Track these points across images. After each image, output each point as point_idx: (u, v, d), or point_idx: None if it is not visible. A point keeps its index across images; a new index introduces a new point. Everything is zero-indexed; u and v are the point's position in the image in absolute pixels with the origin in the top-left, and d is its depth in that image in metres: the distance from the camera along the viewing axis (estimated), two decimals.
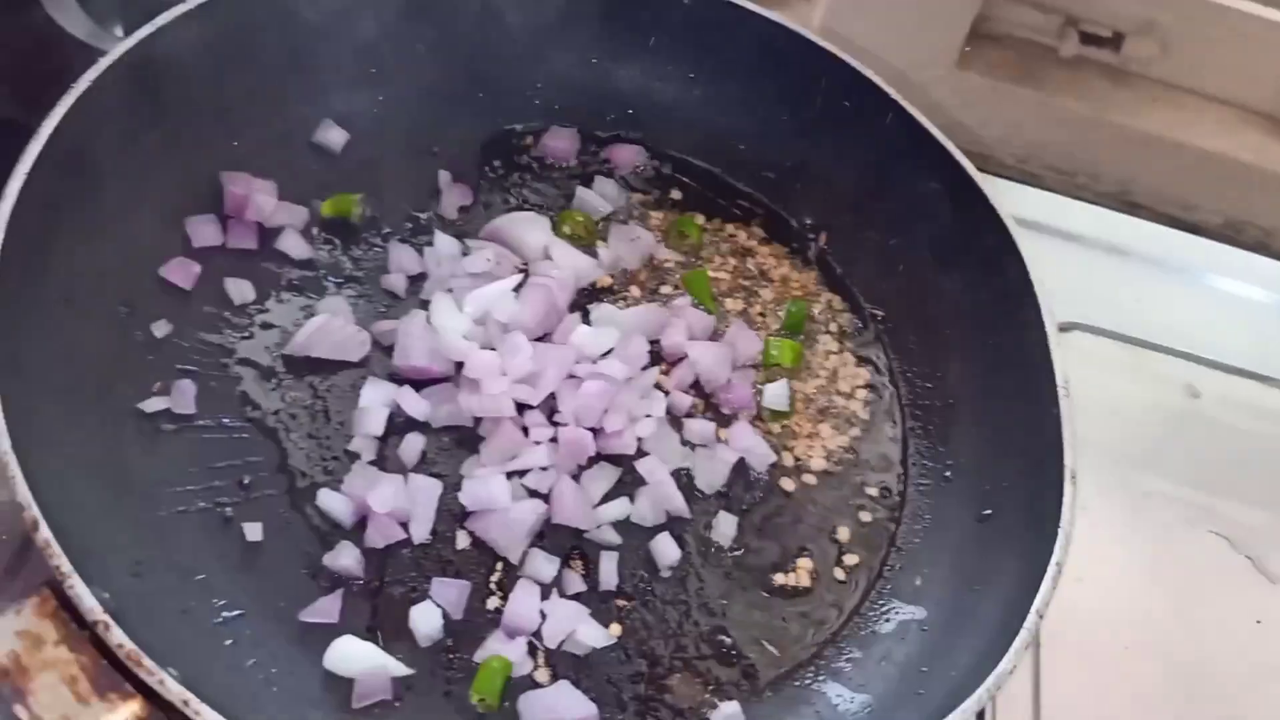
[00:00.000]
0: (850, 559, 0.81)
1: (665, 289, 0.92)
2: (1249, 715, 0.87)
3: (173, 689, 0.55)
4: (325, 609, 0.71)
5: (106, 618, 0.56)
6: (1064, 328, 1.06)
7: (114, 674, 0.57)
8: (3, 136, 0.74)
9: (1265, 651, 0.90)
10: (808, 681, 0.75)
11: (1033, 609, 0.67)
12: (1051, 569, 0.69)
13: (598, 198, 0.94)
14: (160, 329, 0.79)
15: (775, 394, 0.86)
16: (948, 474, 0.85)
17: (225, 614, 0.69)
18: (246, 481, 0.75)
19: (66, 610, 0.58)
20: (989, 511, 0.80)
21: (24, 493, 0.59)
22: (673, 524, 0.80)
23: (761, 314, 0.92)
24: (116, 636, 0.56)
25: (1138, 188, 1.23)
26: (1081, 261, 1.12)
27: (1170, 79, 1.19)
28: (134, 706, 0.56)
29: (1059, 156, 1.23)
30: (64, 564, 0.57)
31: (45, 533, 0.58)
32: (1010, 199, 1.12)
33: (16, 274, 0.68)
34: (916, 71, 1.11)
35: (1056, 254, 1.11)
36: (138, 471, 0.73)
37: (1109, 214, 1.17)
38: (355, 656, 0.69)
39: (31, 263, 0.71)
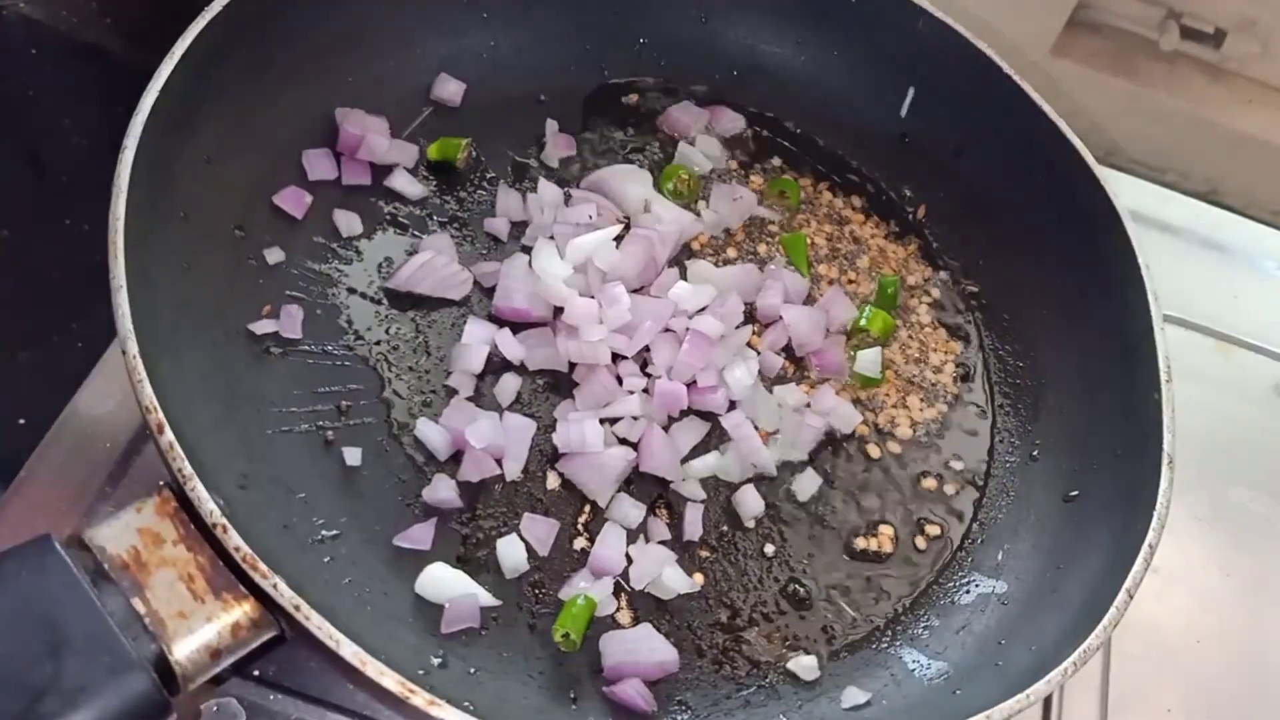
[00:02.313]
0: (932, 529, 0.81)
1: (761, 250, 0.92)
2: None
3: (284, 593, 0.57)
4: (419, 536, 0.73)
5: (224, 520, 0.58)
6: None
7: (229, 575, 0.59)
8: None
9: None
10: (884, 645, 0.76)
11: (1123, 588, 0.67)
12: (1144, 550, 0.69)
13: (700, 155, 0.94)
14: (273, 255, 0.80)
15: (868, 360, 0.86)
16: (1035, 453, 0.85)
17: (324, 532, 0.71)
18: (346, 407, 0.77)
19: (186, 511, 0.60)
20: (1076, 492, 0.80)
21: (149, 395, 0.61)
22: (757, 481, 0.80)
23: (854, 282, 0.92)
24: (234, 539, 0.58)
25: (1228, 188, 1.21)
26: (1175, 253, 1.11)
27: (1269, 79, 1.17)
28: (247, 607, 0.58)
29: (1149, 151, 1.22)
30: (186, 466, 0.59)
31: (169, 435, 0.60)
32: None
33: (147, 187, 0.70)
34: (1010, 55, 1.10)
35: (1150, 244, 1.09)
36: (246, 389, 0.75)
37: (1206, 208, 1.15)
38: (446, 583, 0.71)
39: (160, 178, 0.72)
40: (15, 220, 0.98)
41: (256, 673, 0.75)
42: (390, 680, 0.57)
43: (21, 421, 0.83)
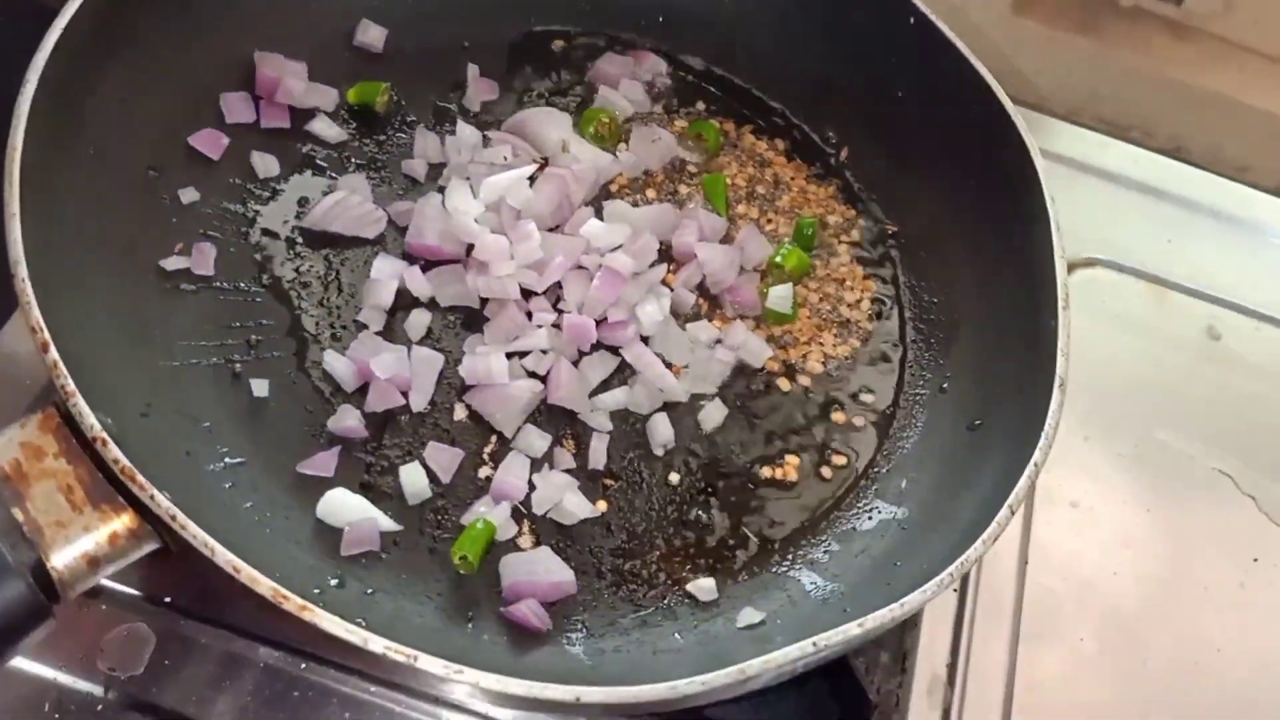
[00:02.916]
0: (838, 459, 0.82)
1: (682, 191, 0.93)
2: (1233, 644, 0.86)
3: (162, 504, 0.58)
4: (322, 463, 0.74)
5: (104, 435, 0.59)
6: (1088, 263, 1.06)
7: (108, 488, 0.60)
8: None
9: (1257, 587, 0.89)
10: (784, 569, 0.77)
11: (1005, 504, 0.68)
12: (1029, 469, 0.69)
13: (622, 99, 0.95)
14: (187, 195, 0.82)
15: (779, 296, 0.87)
16: (945, 385, 0.85)
17: (228, 459, 0.73)
18: (255, 341, 0.78)
19: (69, 427, 0.61)
20: (980, 421, 0.81)
21: (36, 316, 0.62)
22: (667, 410, 0.81)
23: (772, 222, 0.93)
24: (113, 453, 0.59)
25: (1192, 145, 1.20)
26: (1110, 199, 1.10)
27: (1231, 36, 1.16)
28: (125, 518, 0.60)
29: (1113, 109, 1.21)
30: (69, 383, 0.60)
31: (54, 354, 0.61)
32: (1048, 132, 1.13)
33: (52, 121, 0.71)
34: (972, 13, 1.10)
35: (1090, 191, 1.10)
36: (155, 323, 0.76)
37: (1143, 153, 1.15)
38: (346, 507, 0.73)
39: (67, 113, 0.74)
40: None
41: (168, 599, 0.77)
42: (263, 586, 0.58)
43: None
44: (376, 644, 0.58)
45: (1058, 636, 0.85)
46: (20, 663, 0.72)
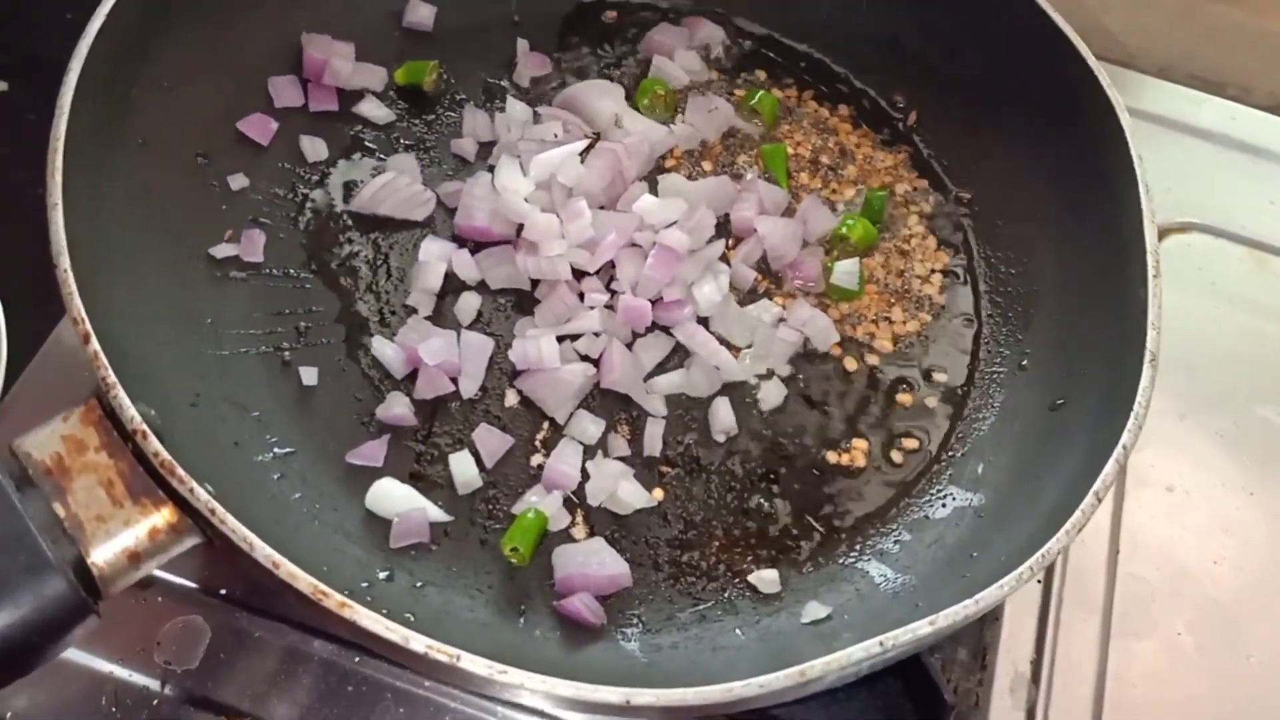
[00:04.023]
0: (909, 443, 0.78)
1: (741, 162, 0.88)
2: None
3: (201, 498, 0.57)
4: (371, 452, 0.72)
5: (144, 427, 0.58)
6: (1182, 228, 0.99)
7: (148, 481, 0.59)
8: None
9: None
10: (851, 560, 0.73)
11: (1091, 490, 0.63)
12: (1118, 451, 0.64)
13: (678, 69, 0.91)
14: (236, 181, 0.81)
15: (844, 271, 0.82)
16: (1024, 362, 0.80)
17: (276, 450, 0.72)
18: (305, 328, 0.77)
19: (111, 421, 0.60)
20: (1062, 400, 0.75)
21: (77, 307, 0.61)
22: (727, 393, 0.78)
23: (837, 192, 0.88)
24: (153, 445, 0.58)
25: None
26: (1206, 159, 1.03)
27: None
28: (165, 512, 0.58)
29: (1207, 65, 1.14)
30: (109, 374, 0.59)
31: (94, 345, 0.60)
32: (1136, 89, 1.06)
33: (97, 111, 0.70)
34: None
35: (1184, 151, 1.03)
36: (203, 311, 0.75)
37: (1240, 109, 1.07)
38: (395, 498, 0.71)
39: (112, 102, 0.73)
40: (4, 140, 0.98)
41: (224, 592, 0.76)
42: (303, 582, 0.56)
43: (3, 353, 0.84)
44: (418, 643, 0.55)
45: (1152, 630, 0.80)
46: (77, 655, 0.72)
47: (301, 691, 0.73)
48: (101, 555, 0.57)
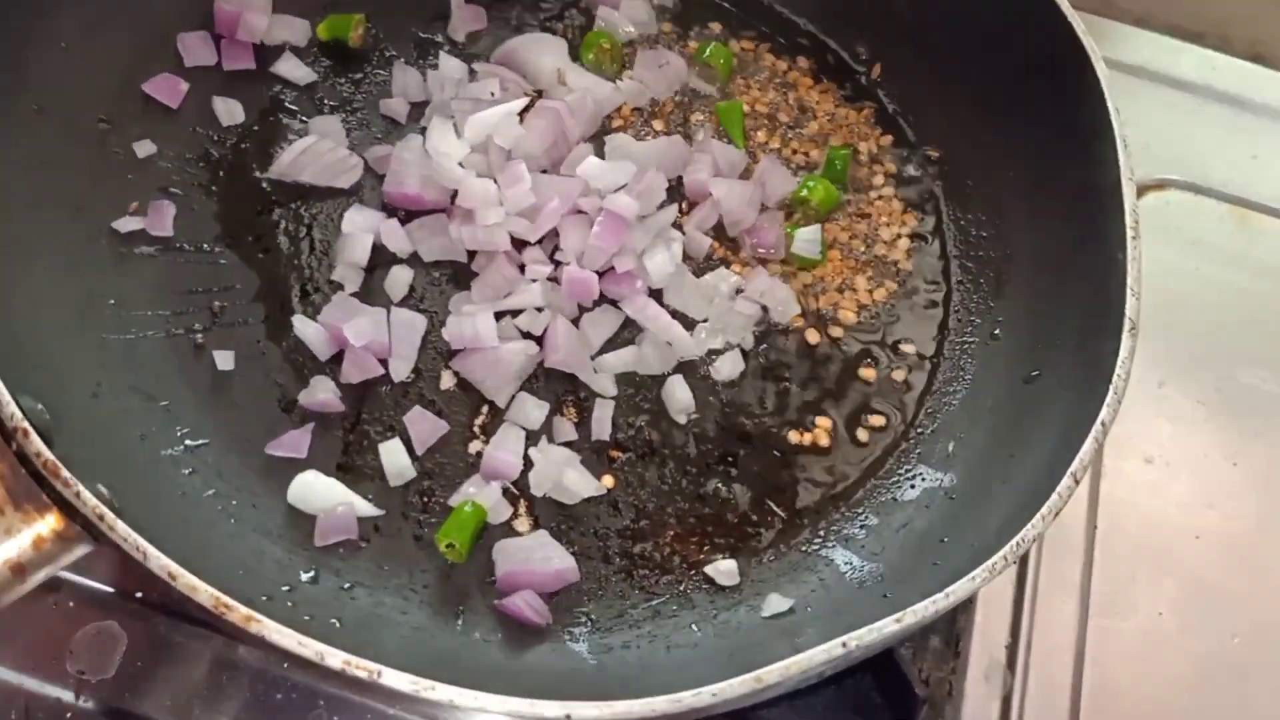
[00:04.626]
0: (875, 420, 0.73)
1: (695, 121, 0.83)
2: None
3: (88, 502, 0.51)
4: (293, 442, 0.67)
5: (25, 425, 0.52)
6: (1159, 184, 0.94)
7: (33, 485, 0.53)
8: None
9: None
10: (815, 547, 0.68)
11: (1068, 473, 0.58)
12: (1096, 428, 0.59)
13: (624, 20, 0.85)
14: (142, 148, 0.74)
15: (806, 239, 0.77)
16: (996, 331, 0.75)
17: (188, 442, 0.66)
18: (219, 308, 0.71)
19: None
20: (1037, 372, 0.70)
21: None
22: (681, 369, 0.72)
23: (799, 152, 0.82)
24: (35, 445, 0.52)
25: (1275, 51, 1.07)
26: (1186, 111, 0.98)
27: None
28: (50, 519, 0.53)
29: (1185, 14, 1.09)
30: None
31: None
32: (1112, 39, 1.00)
33: None
34: None
35: (1162, 103, 0.98)
36: (106, 292, 0.69)
37: (1222, 59, 1.02)
38: (319, 492, 0.65)
39: (3, 64, 0.66)
40: None
41: (139, 595, 0.70)
42: (203, 595, 0.51)
43: None
44: (334, 658, 0.50)
45: (1132, 611, 0.76)
46: None
47: (227, 701, 0.68)
48: None
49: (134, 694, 0.68)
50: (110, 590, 0.70)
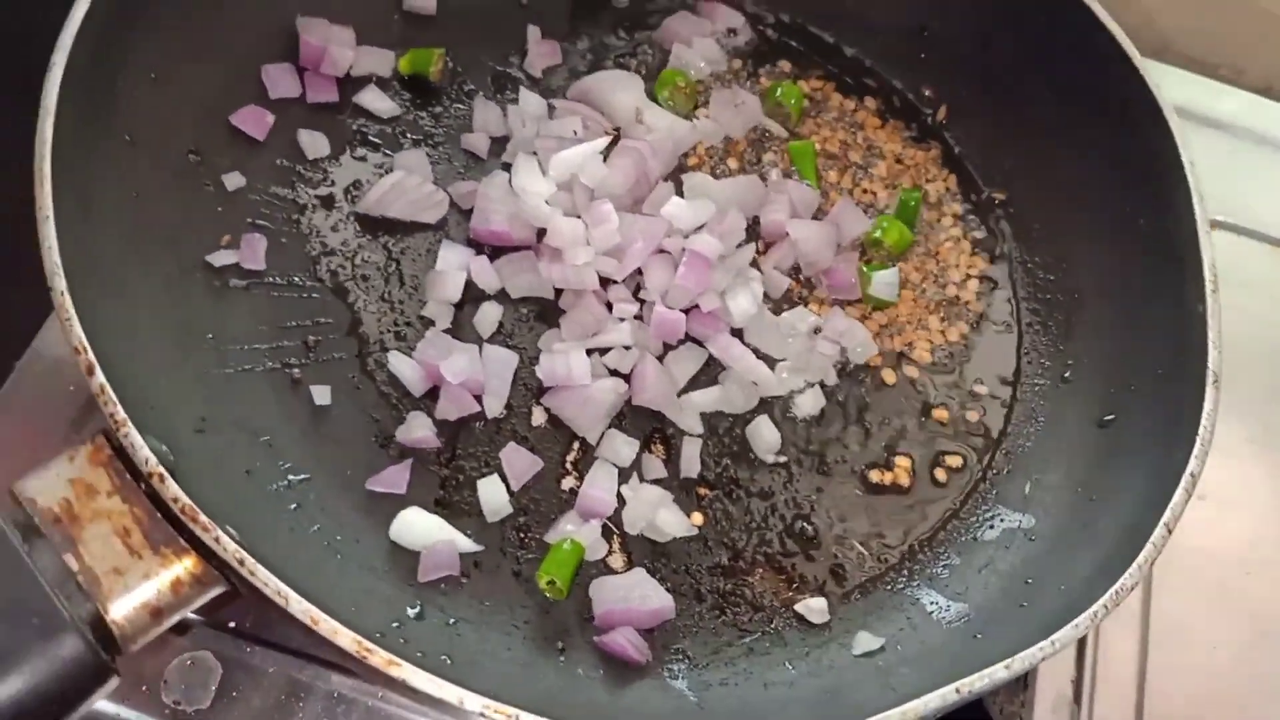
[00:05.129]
0: (953, 460, 0.75)
1: (767, 160, 0.84)
2: None
3: (228, 547, 0.52)
4: (393, 479, 0.68)
5: (161, 470, 0.53)
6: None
7: (169, 529, 0.54)
8: None
9: None
10: (900, 586, 0.70)
11: (1161, 522, 0.60)
12: (1185, 479, 0.62)
13: (698, 58, 0.86)
14: (232, 180, 0.75)
15: (883, 281, 0.79)
16: (1067, 374, 0.78)
17: (291, 477, 0.67)
18: (314, 342, 0.72)
19: (121, 460, 0.55)
20: (1112, 416, 0.73)
21: (78, 335, 0.56)
22: (764, 408, 0.74)
23: (869, 192, 0.84)
24: (171, 490, 0.53)
25: None
26: (1227, 152, 1.01)
27: None
28: (188, 563, 0.54)
29: (1201, 46, 1.12)
30: (118, 411, 0.54)
31: (100, 377, 0.55)
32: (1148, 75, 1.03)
33: (81, 107, 0.64)
34: None
35: (1198, 143, 1.00)
36: (204, 326, 0.70)
37: (1261, 101, 1.05)
38: (421, 529, 0.66)
39: (97, 97, 0.67)
40: None
41: (232, 624, 0.71)
42: (345, 639, 0.52)
43: None
44: (474, 702, 0.51)
45: (1189, 646, 0.78)
46: None
47: None
48: (120, 611, 0.52)
49: None
50: (201, 619, 0.71)
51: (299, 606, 0.52)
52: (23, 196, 0.80)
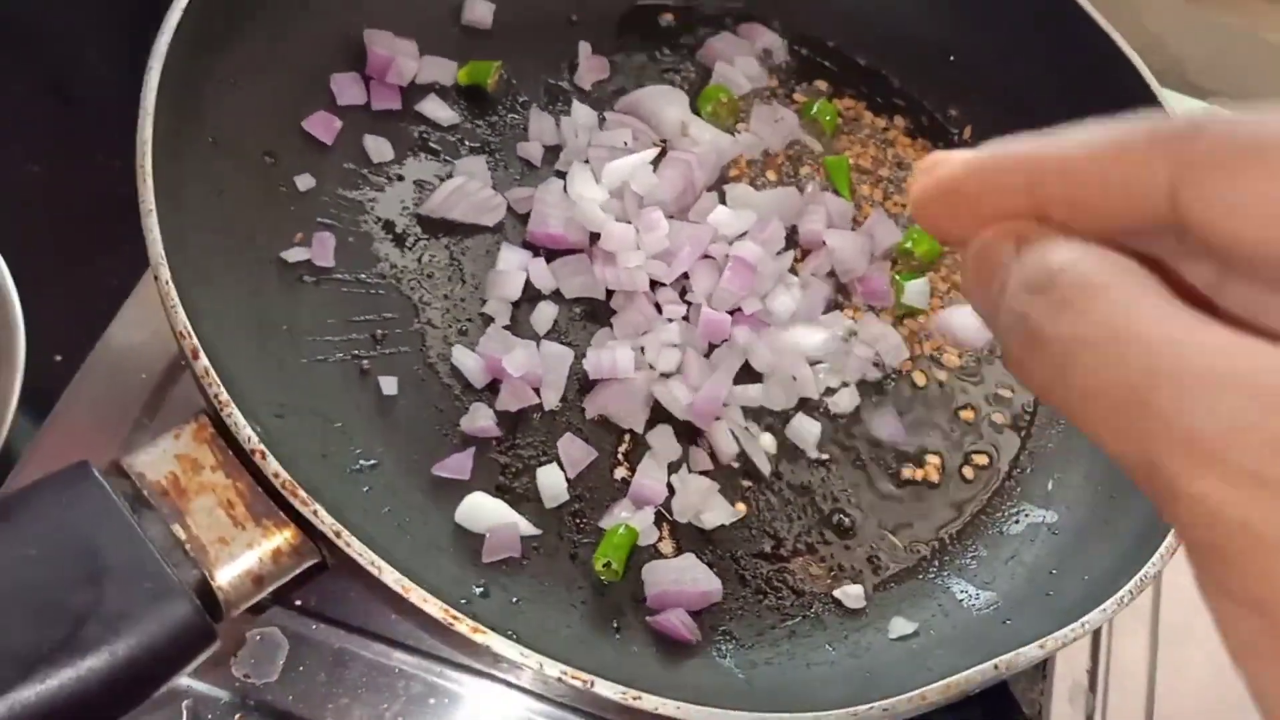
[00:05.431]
0: (980, 458, 0.79)
1: (804, 173, 0.89)
2: None
3: (325, 520, 0.56)
4: (458, 465, 0.72)
5: (262, 446, 0.57)
6: None
7: (268, 502, 0.58)
8: None
9: None
10: (931, 575, 0.74)
11: None
12: None
13: (740, 75, 0.91)
14: (303, 181, 0.79)
15: (916, 290, 0.83)
16: None
17: (362, 461, 0.70)
18: (381, 335, 0.76)
19: (223, 438, 0.59)
20: None
21: (183, 320, 0.59)
22: (803, 407, 0.79)
23: (899, 205, 0.89)
24: (272, 466, 0.57)
25: None
26: None
27: None
28: (288, 534, 0.57)
29: (1201, 73, 1.17)
30: (222, 393, 0.58)
31: (204, 361, 0.59)
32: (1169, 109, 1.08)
33: (173, 109, 0.68)
34: None
35: None
36: (280, 317, 0.73)
37: None
38: (486, 512, 0.70)
39: (186, 100, 0.71)
40: (42, 154, 0.98)
41: (299, 602, 0.75)
42: (433, 607, 0.56)
43: (58, 358, 0.83)
44: (553, 668, 0.56)
45: (1198, 637, 0.83)
46: None
47: (383, 705, 0.73)
48: (225, 577, 0.56)
49: (295, 696, 0.72)
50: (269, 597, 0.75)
51: (391, 576, 0.56)
52: (105, 194, 0.85)
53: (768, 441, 0.77)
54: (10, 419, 0.72)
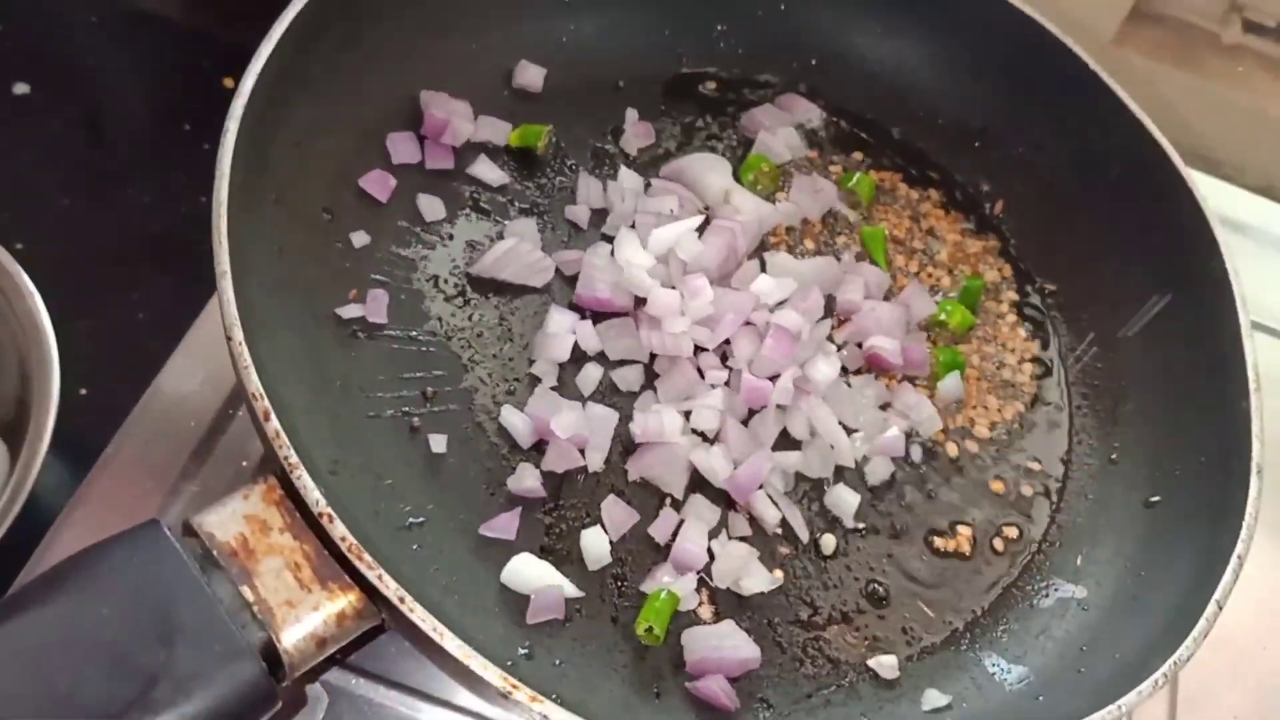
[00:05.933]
0: (1010, 531, 0.81)
1: (840, 242, 0.91)
2: None
3: (389, 585, 0.58)
4: (504, 525, 0.73)
5: (330, 510, 0.58)
6: None
7: (334, 565, 0.59)
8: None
9: None
10: (964, 647, 0.76)
11: (1213, 599, 0.67)
12: (1233, 562, 0.68)
13: (781, 145, 0.94)
14: (358, 239, 0.81)
15: (949, 386, 0.85)
16: (1114, 456, 0.84)
17: (411, 519, 0.72)
18: (431, 393, 0.77)
19: (291, 500, 0.60)
20: (1157, 498, 0.80)
21: (255, 383, 0.61)
22: (840, 476, 0.80)
23: (932, 276, 0.91)
24: (339, 529, 0.58)
25: None
26: (1254, 255, 1.09)
27: None
28: (352, 598, 0.59)
29: (1208, 145, 1.20)
30: (292, 455, 0.59)
31: (275, 423, 0.60)
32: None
33: (242, 170, 0.70)
34: (1071, 44, 1.08)
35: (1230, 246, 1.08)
36: (335, 373, 0.75)
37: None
38: (532, 574, 0.72)
39: (254, 161, 0.73)
40: (75, 189, 0.99)
41: (338, 656, 0.76)
42: (493, 675, 0.57)
43: (83, 391, 0.83)
44: None
45: (1214, 708, 0.85)
46: None
47: None
48: (290, 640, 0.57)
49: None
50: None
51: (453, 643, 0.57)
52: (136, 227, 0.86)
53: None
54: (44, 453, 0.71)
